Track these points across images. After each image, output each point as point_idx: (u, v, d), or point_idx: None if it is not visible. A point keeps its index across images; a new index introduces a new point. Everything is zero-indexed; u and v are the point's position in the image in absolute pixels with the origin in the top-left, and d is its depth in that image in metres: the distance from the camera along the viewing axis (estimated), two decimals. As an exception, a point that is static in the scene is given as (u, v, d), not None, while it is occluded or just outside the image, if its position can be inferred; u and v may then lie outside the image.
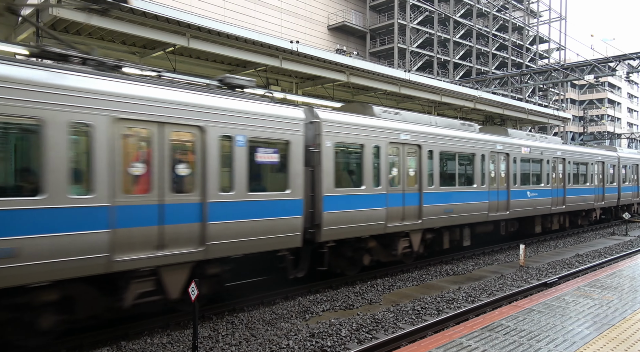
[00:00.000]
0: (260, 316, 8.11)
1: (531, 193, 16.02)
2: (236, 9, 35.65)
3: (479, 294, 9.71)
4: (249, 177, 7.96)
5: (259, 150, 8.19)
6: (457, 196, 12.67)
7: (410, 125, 11.48)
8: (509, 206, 14.82)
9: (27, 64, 5.86)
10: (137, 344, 6.82)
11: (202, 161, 7.36)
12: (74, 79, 6.11)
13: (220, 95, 7.77)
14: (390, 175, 10.77)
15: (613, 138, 51.75)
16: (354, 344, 6.85)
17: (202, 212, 7.29)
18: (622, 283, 8.12)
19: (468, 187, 13.18)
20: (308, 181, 9.09)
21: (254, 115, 8.06)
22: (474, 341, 5.21)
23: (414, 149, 11.44)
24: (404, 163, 11.14)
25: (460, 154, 12.94)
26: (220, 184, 7.54)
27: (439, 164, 12.09)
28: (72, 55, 6.63)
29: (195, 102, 7.31)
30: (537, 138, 17.67)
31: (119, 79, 6.64)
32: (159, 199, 6.80)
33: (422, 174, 11.53)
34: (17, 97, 5.55)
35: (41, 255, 5.68)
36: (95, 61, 6.94)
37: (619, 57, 22.99)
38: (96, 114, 6.22)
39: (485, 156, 13.80)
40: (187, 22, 11.30)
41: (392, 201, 10.76)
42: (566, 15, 60.80)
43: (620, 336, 5.38)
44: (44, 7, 9.82)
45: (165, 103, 6.97)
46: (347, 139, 9.81)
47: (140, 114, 6.67)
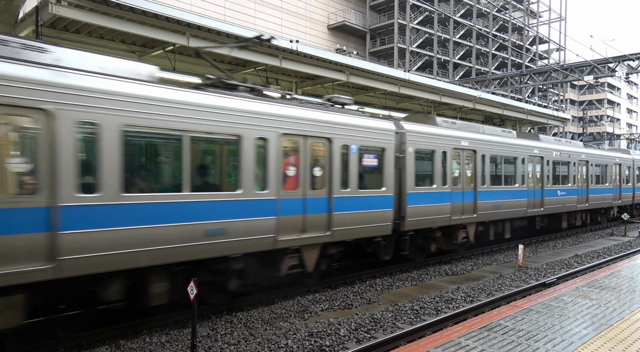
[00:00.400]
0: (259, 315, 8.12)
1: (561, 192, 17.86)
2: (236, 8, 35.64)
3: (478, 294, 9.72)
4: (359, 178, 10.07)
5: (365, 156, 10.26)
6: (503, 194, 14.62)
7: (467, 133, 13.51)
8: (543, 204, 16.69)
9: (232, 94, 7.99)
10: (136, 342, 6.82)
11: (329, 165, 9.42)
12: (258, 105, 8.16)
13: (341, 113, 9.92)
14: (453, 176, 12.79)
15: (612, 139, 51.77)
16: (353, 343, 6.86)
17: (329, 205, 9.42)
18: (621, 283, 8.14)
19: (511, 186, 15.07)
20: (396, 181, 11.13)
21: (362, 128, 10.15)
22: (472, 341, 5.22)
23: (471, 154, 13.50)
24: (463, 166, 13.17)
25: (505, 158, 14.85)
26: (341, 183, 9.63)
27: (489, 167, 14.08)
28: (239, 85, 8.72)
29: (326, 119, 9.44)
30: (563, 142, 19.43)
31: (280, 104, 8.69)
32: (302, 194, 8.95)
33: (476, 175, 13.57)
34: (231, 121, 7.70)
35: (239, 233, 7.74)
36: (251, 88, 8.89)
37: (619, 57, 23.00)
38: (270, 131, 8.26)
39: (524, 159, 15.69)
40: (187, 21, 11.29)
41: (455, 198, 12.84)
42: (566, 16, 60.86)
43: (618, 336, 5.40)
44: (43, 5, 9.81)
45: (308, 121, 9.04)
46: (423, 146, 11.93)
47: (294, 130, 8.78)
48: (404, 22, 43.86)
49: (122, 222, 6.40)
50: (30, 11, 10.61)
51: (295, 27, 39.98)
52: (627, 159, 23.94)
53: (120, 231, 6.34)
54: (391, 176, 10.79)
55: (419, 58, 45.34)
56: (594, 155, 20.74)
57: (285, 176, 8.63)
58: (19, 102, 5.53)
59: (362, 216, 10.03)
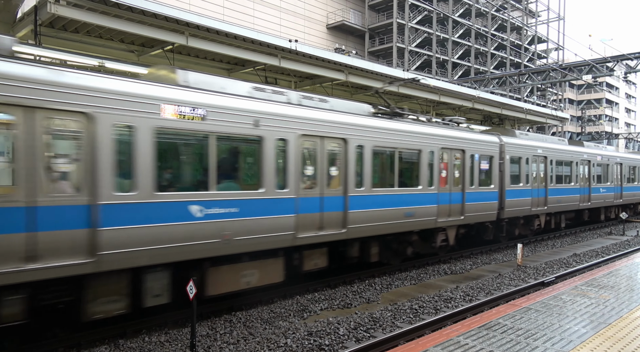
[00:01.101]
0: (259, 315, 8.12)
1: (602, 190, 21.55)
2: (235, 7, 35.60)
3: (477, 293, 9.73)
4: (479, 178, 13.47)
5: (482, 161, 13.77)
6: (563, 190, 18.36)
7: (539, 143, 17.28)
8: (590, 199, 20.44)
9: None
10: (135, 342, 6.82)
11: (466, 170, 13.05)
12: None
13: (468, 132, 13.53)
14: (532, 176, 16.40)
15: (611, 138, 51.85)
16: (352, 342, 6.87)
17: (462, 197, 12.86)
18: (619, 282, 8.16)
19: (568, 185, 18.75)
20: (498, 180, 14.53)
21: (482, 141, 13.84)
22: (471, 340, 5.23)
23: (543, 159, 17.23)
24: (537, 168, 16.85)
25: (565, 162, 18.58)
26: (470, 182, 13.09)
27: (555, 169, 17.86)
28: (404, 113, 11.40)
29: (459, 136, 12.88)
30: (601, 147, 23.04)
31: (437, 126, 11.82)
32: (461, 190, 12.09)
33: (547, 176, 17.28)
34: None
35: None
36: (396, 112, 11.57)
37: (617, 57, 23.03)
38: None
39: (578, 163, 19.43)
40: (186, 21, 11.28)
41: (534, 194, 16.52)
42: (564, 16, 60.91)
43: (617, 334, 5.41)
44: (42, 4, 9.80)
45: (457, 138, 12.71)
46: (514, 154, 15.45)
47: (450, 145, 11.84)
48: (403, 22, 43.86)
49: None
50: (28, 10, 10.60)
51: (294, 26, 39.95)
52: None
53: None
54: (496, 176, 14.38)
55: (418, 57, 45.35)
56: (625, 158, 24.28)
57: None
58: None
59: (482, 206, 13.69)
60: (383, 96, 14.18)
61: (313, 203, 9.03)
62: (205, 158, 7.47)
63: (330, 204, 9.35)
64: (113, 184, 6.35)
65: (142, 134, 6.66)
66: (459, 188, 12.83)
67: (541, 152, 16.94)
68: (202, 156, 7.50)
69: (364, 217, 9.94)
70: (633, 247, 16.18)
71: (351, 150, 9.61)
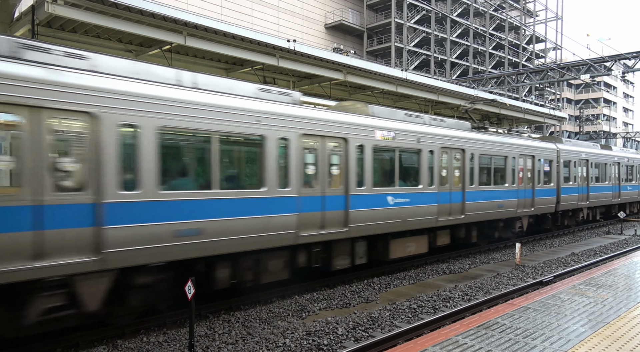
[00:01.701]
0: (257, 315, 8.11)
1: (629, 188, 25.17)
2: (233, 7, 35.57)
3: (475, 292, 9.74)
4: (543, 178, 16.91)
5: (545, 164, 17.11)
6: (600, 188, 21.65)
7: (582, 148, 20.49)
8: (620, 195, 23.91)
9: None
10: (134, 342, 6.81)
11: (535, 171, 16.41)
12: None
13: (534, 140, 17.20)
14: (580, 176, 19.83)
15: (609, 137, 51.94)
16: (351, 342, 6.87)
17: (533, 193, 16.26)
18: (617, 281, 8.17)
19: (604, 183, 22.13)
20: (556, 180, 17.87)
21: (544, 148, 17.21)
22: (470, 339, 5.23)
23: (585, 162, 20.32)
24: (582, 170, 20.08)
25: (601, 164, 21.92)
26: (538, 181, 16.52)
27: (595, 170, 21.12)
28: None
29: (531, 145, 16.47)
30: (625, 151, 26.67)
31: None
32: (532, 187, 15.48)
33: (588, 176, 20.52)
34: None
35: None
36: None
37: (615, 56, 23.07)
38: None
39: (610, 165, 22.87)
40: (184, 20, 11.27)
41: (580, 190, 19.87)
42: (562, 15, 61.01)
43: (615, 333, 5.42)
44: (39, 3, 9.77)
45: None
46: (566, 158, 18.73)
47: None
48: (401, 21, 43.87)
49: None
50: (26, 10, 10.57)
51: (292, 26, 39.94)
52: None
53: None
54: (554, 176, 17.78)
55: (416, 57, 45.38)
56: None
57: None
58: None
59: (546, 200, 17.18)
60: (470, 114, 18.19)
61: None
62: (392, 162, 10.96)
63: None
64: None
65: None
66: (530, 186, 16.17)
67: (584, 156, 20.31)
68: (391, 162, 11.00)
69: (476, 207, 13.44)
70: (631, 246, 16.21)
71: (475, 159, 13.53)
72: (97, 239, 6.21)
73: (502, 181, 14.72)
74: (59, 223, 5.90)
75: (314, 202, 9.14)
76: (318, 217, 9.21)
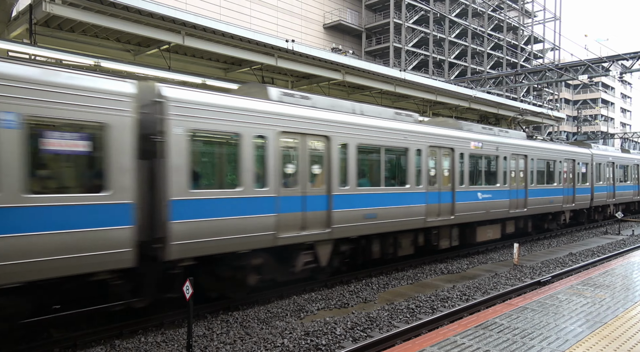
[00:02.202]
0: (255, 315, 8.11)
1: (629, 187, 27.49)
2: (232, 7, 35.54)
3: (473, 292, 9.75)
4: (581, 178, 19.69)
5: (582, 166, 19.76)
6: (625, 187, 24.52)
7: (608, 152, 23.18)
8: (639, 193, 26.73)
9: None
10: (131, 342, 6.80)
11: (575, 172, 19.07)
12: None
13: (573, 146, 19.94)
14: (607, 177, 22.50)
15: (607, 138, 52.05)
16: (349, 342, 6.87)
17: (572, 192, 19.54)
18: (615, 282, 8.19)
19: (626, 183, 24.91)
20: (590, 180, 20.64)
21: (581, 153, 19.88)
22: (468, 339, 5.23)
23: (611, 164, 22.98)
24: (609, 171, 22.73)
25: (624, 165, 24.76)
26: (576, 181, 19.15)
27: (618, 171, 23.72)
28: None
29: (572, 150, 19.10)
30: (630, 152, 28.30)
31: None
32: (571, 186, 18.65)
33: (614, 176, 23.16)
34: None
35: None
36: None
37: (613, 57, 23.12)
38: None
39: (631, 167, 25.83)
40: (182, 20, 11.25)
41: (609, 189, 22.75)
42: (560, 16, 61.10)
43: (613, 333, 5.43)
44: (37, 3, 9.74)
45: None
46: (597, 161, 21.29)
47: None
48: (400, 22, 43.90)
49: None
50: (23, 9, 10.53)
51: (291, 26, 39.92)
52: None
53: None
54: (589, 177, 20.24)
55: (415, 57, 45.41)
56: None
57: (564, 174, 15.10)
58: (519, 153, 12.20)
59: (583, 197, 19.83)
60: (521, 125, 21.53)
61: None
62: None
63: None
64: None
65: None
66: (571, 185, 19.00)
67: (611, 159, 23.02)
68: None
69: (534, 202, 16.37)
70: (629, 246, 16.24)
71: (535, 162, 16.54)
72: (329, 218, 9.20)
73: (552, 181, 17.72)
74: (314, 207, 8.98)
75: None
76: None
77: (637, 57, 22.11)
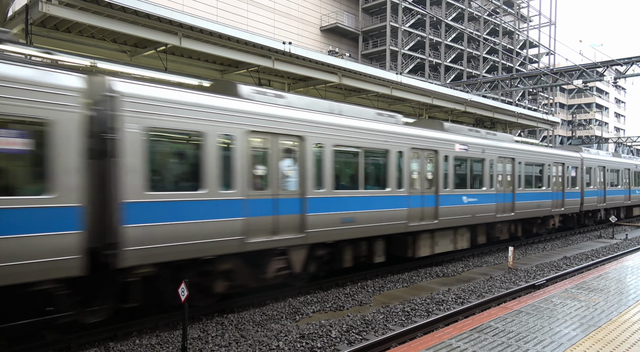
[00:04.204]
0: (250, 317, 8.09)
1: (637, 191, 27.85)
2: (228, 8, 35.53)
3: (468, 295, 9.77)
4: (571, 182, 19.81)
5: (572, 170, 20.12)
6: (616, 192, 24.71)
7: (596, 155, 23.15)
8: (630, 198, 26.70)
9: None
10: (126, 345, 6.76)
11: (565, 176, 19.74)
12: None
13: (565, 149, 21.58)
14: (600, 181, 22.92)
15: (601, 142, 52.38)
16: (344, 345, 6.86)
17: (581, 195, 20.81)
18: (609, 285, 8.23)
19: (617, 187, 25.07)
20: (580, 184, 20.93)
21: (571, 156, 20.24)
22: (463, 342, 5.25)
23: (602, 168, 23.24)
24: (600, 175, 23.00)
25: (615, 170, 24.86)
26: (566, 185, 19.35)
27: (610, 176, 23.90)
28: None
29: (563, 154, 19.40)
30: (633, 158, 29.14)
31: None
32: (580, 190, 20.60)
33: (605, 181, 23.52)
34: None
35: None
36: None
37: (607, 62, 23.29)
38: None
39: (622, 171, 25.64)
40: (179, 22, 11.23)
41: (600, 193, 22.81)
42: (556, 21, 61.52)
43: (606, 337, 5.46)
44: (33, 3, 9.70)
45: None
46: (588, 165, 21.81)
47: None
48: (396, 25, 44.04)
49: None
50: (19, 9, 10.49)
51: (287, 28, 39.95)
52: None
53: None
54: (579, 180, 20.50)
55: (411, 60, 45.55)
56: None
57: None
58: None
59: (572, 202, 20.01)
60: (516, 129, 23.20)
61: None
62: None
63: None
64: None
65: None
66: (561, 189, 19.06)
67: (601, 163, 22.98)
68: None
69: (521, 206, 16.37)
70: (622, 250, 16.34)
71: (522, 166, 16.46)
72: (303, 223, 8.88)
73: (539, 185, 17.56)
74: (286, 211, 8.59)
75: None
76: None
77: (631, 63, 22.31)
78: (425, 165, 12.26)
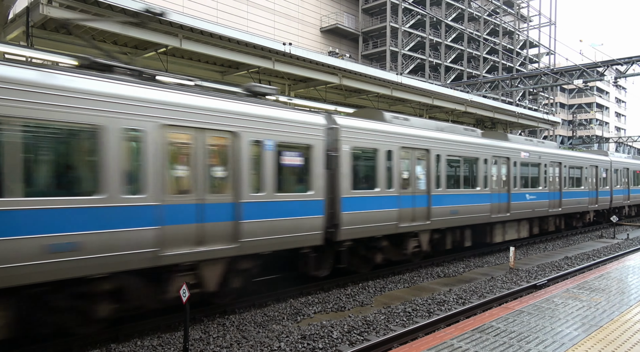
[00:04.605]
0: (252, 318, 8.09)
1: None
2: (228, 10, 35.57)
3: (470, 296, 9.77)
4: (600, 182, 21.72)
5: (603, 173, 22.41)
6: (637, 190, 27.03)
7: (620, 158, 25.14)
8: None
9: None
10: (127, 346, 6.76)
11: (598, 177, 22.29)
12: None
13: (597, 154, 23.29)
14: (623, 180, 25.16)
15: (601, 142, 52.35)
16: (346, 346, 6.86)
17: (596, 194, 22.35)
18: (610, 285, 8.23)
19: (638, 186, 27.41)
20: (610, 183, 23.24)
21: (602, 160, 22.17)
22: (464, 343, 5.24)
23: (626, 170, 25.12)
24: (625, 176, 25.21)
25: (637, 171, 27.25)
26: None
27: (633, 176, 26.47)
28: None
29: (598, 158, 22.49)
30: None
31: None
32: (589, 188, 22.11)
33: (629, 180, 25.65)
34: None
35: None
36: None
37: (607, 62, 23.30)
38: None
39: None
40: (179, 23, 11.26)
41: (624, 192, 25.18)
42: (556, 20, 61.51)
43: (608, 337, 5.45)
44: (34, 5, 9.72)
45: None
46: (615, 167, 23.84)
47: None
48: (396, 26, 44.07)
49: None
50: (20, 12, 10.52)
51: (288, 29, 39.99)
52: None
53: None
54: (609, 181, 23.12)
55: (411, 61, 45.57)
56: None
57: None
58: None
59: (604, 199, 22.38)
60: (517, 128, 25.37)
61: None
62: None
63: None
64: None
65: None
66: (595, 188, 21.61)
67: (626, 165, 25.42)
68: None
69: (566, 203, 19.04)
70: (623, 250, 16.32)
71: (567, 170, 19.10)
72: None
73: (579, 185, 20.21)
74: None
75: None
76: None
77: (632, 62, 22.31)
78: (501, 169, 15.23)
